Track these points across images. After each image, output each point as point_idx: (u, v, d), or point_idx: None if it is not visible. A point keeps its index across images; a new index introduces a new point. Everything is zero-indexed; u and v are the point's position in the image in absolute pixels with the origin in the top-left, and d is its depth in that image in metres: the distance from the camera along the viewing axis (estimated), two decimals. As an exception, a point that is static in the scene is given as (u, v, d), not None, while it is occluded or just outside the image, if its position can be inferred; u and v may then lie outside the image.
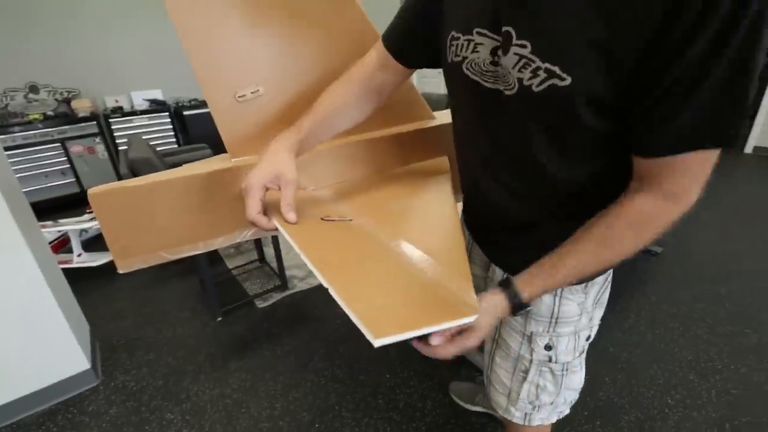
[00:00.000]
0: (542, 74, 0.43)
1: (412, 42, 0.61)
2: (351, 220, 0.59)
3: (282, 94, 0.72)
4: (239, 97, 0.68)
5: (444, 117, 0.94)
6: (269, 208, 0.57)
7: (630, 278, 1.93)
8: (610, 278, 0.67)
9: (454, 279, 0.43)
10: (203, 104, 3.59)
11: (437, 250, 0.51)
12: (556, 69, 0.41)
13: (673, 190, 0.44)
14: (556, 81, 0.42)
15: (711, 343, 1.53)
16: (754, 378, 1.36)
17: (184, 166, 0.91)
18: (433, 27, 0.57)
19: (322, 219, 0.58)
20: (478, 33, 0.50)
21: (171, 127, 3.46)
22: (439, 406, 1.32)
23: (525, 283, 0.51)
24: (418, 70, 0.69)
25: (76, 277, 1.93)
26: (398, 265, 0.48)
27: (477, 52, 0.51)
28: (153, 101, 3.47)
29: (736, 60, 0.35)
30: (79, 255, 2.15)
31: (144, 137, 2.98)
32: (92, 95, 3.35)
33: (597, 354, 1.49)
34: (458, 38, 0.53)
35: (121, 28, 3.36)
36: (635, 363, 1.45)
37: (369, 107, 0.67)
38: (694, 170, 0.42)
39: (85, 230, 2.29)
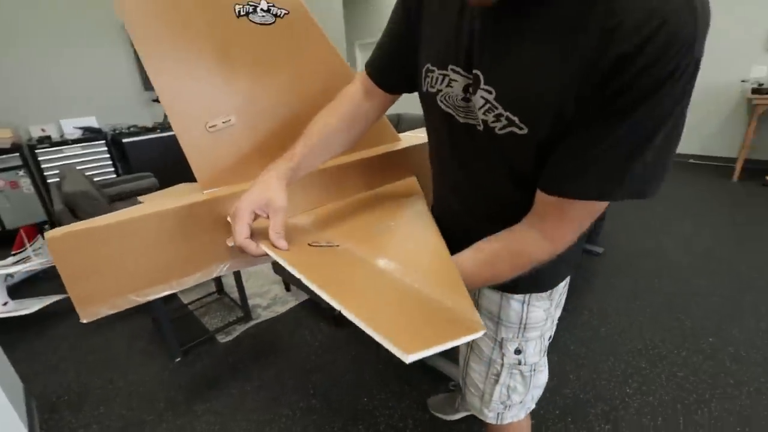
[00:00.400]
0: (504, 121, 0.47)
1: (394, 70, 0.65)
2: (338, 245, 0.59)
3: (254, 124, 0.71)
4: (210, 127, 0.67)
5: (410, 139, 0.98)
6: (256, 235, 0.56)
7: (578, 278, 2.08)
8: (568, 282, 0.73)
9: (453, 297, 0.45)
10: (144, 131, 3.39)
11: (430, 269, 0.52)
12: (516, 119, 0.46)
13: (551, 229, 0.49)
14: (515, 129, 0.47)
15: (654, 332, 1.68)
16: (693, 359, 1.52)
17: (146, 199, 0.86)
18: (413, 55, 0.61)
19: (309, 245, 0.58)
20: (453, 70, 0.53)
21: (108, 155, 3.22)
22: (420, 423, 1.32)
23: None
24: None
25: (2, 329, 1.70)
26: (396, 287, 0.49)
27: (451, 87, 0.54)
28: (87, 129, 3.22)
29: (641, 125, 0.39)
30: (5, 304, 1.90)
31: (78, 168, 2.74)
32: (14, 124, 3.04)
33: (560, 352, 1.58)
34: (433, 71, 0.56)
35: (47, 52, 3.11)
36: (593, 357, 1.56)
37: (357, 133, 0.69)
38: (575, 216, 0.48)
39: (10, 275, 2.04)
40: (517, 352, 0.71)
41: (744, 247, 2.34)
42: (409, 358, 0.33)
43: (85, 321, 0.56)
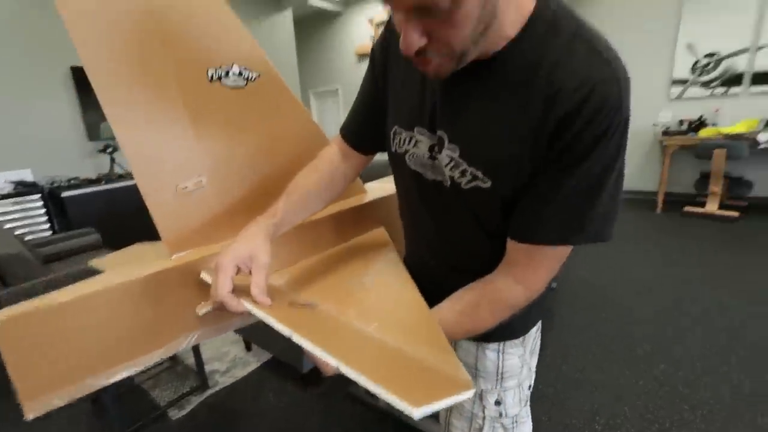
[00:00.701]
0: (469, 176, 0.52)
1: (367, 134, 0.69)
2: (317, 305, 0.58)
3: (226, 185, 0.70)
4: (181, 189, 0.65)
5: (376, 190, 1.01)
6: (236, 292, 0.53)
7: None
8: (540, 327, 0.76)
9: (438, 355, 0.45)
10: (86, 183, 3.18)
11: (411, 327, 0.53)
12: (480, 174, 0.51)
13: (524, 275, 0.53)
14: (480, 183, 0.51)
15: (611, 364, 1.76)
16: (650, 387, 1.60)
17: (103, 264, 0.80)
18: (383, 119, 0.65)
19: (289, 305, 0.57)
20: (418, 131, 0.58)
21: (44, 211, 2.95)
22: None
23: None
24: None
25: None
26: (379, 348, 0.48)
27: (417, 147, 0.59)
28: (19, 183, 2.96)
29: (588, 177, 0.45)
30: None
31: (7, 226, 2.47)
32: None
33: (532, 394, 1.59)
34: (401, 133, 0.61)
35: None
36: (561, 395, 1.58)
37: (336, 192, 0.71)
38: (543, 262, 0.52)
39: None
40: (497, 403, 0.71)
41: (674, 272, 2.58)
42: (418, 413, 0.32)
43: (31, 417, 0.49)
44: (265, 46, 0.71)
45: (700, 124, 3.80)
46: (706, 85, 3.86)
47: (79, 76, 3.31)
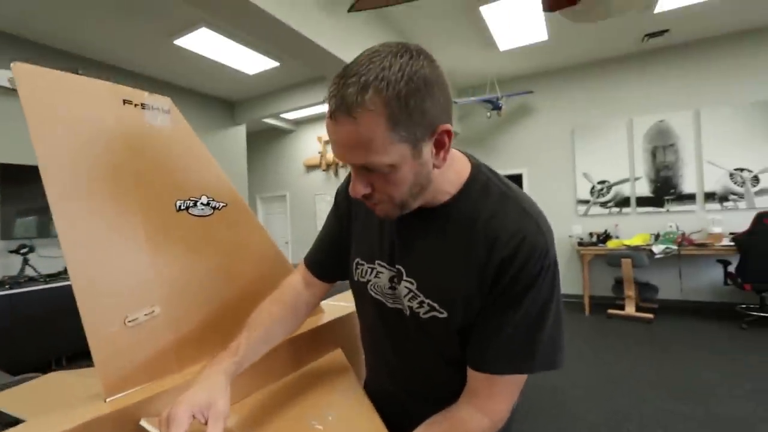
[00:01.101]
0: (426, 306, 0.58)
1: (330, 264, 0.73)
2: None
3: (180, 314, 0.68)
4: (129, 321, 0.62)
5: (333, 310, 1.01)
6: None
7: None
8: None
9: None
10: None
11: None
12: (436, 305, 0.57)
13: (485, 404, 0.56)
14: (436, 313, 0.57)
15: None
16: None
17: (8, 401, 0.67)
18: (345, 251, 0.71)
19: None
20: (379, 264, 0.64)
21: None
22: None
23: None
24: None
25: None
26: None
27: (378, 278, 0.64)
28: None
29: (531, 311, 0.52)
30: None
31: None
32: None
33: None
34: (363, 264, 0.66)
35: None
36: None
37: (299, 321, 0.72)
38: (502, 389, 0.56)
39: None
40: None
41: (606, 371, 2.69)
42: None
43: None
44: (217, 155, 0.76)
45: (606, 236, 4.42)
46: (603, 205, 4.63)
47: (7, 172, 3.08)
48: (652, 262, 3.94)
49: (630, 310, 3.99)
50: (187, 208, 0.71)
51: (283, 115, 6.34)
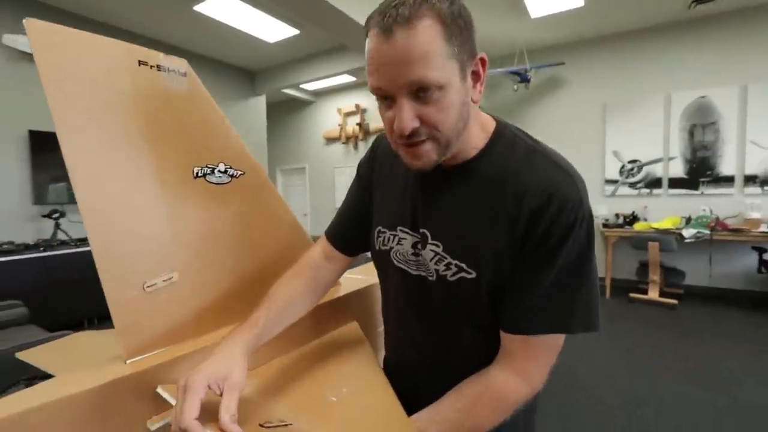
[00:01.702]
0: (454, 268, 0.55)
1: (353, 236, 0.71)
2: (291, 424, 0.53)
3: (199, 281, 0.68)
4: (148, 287, 0.62)
5: (350, 283, 1.01)
6: (202, 415, 0.47)
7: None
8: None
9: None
10: (22, 249, 2.91)
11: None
12: (464, 266, 0.54)
13: (522, 367, 0.54)
14: (464, 274, 0.54)
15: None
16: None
17: (37, 359, 0.71)
18: (368, 222, 0.69)
19: (260, 426, 0.52)
20: (401, 230, 0.62)
21: (-43, 284, 2.61)
22: None
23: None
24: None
25: None
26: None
27: (401, 244, 0.62)
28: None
29: (566, 266, 0.49)
30: None
31: None
32: None
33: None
34: (385, 232, 0.64)
35: None
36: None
37: (320, 295, 0.71)
38: (540, 351, 0.54)
39: None
40: None
41: (625, 354, 2.65)
42: None
43: None
44: (237, 126, 0.74)
45: (633, 218, 4.26)
46: (633, 185, 4.43)
47: (36, 139, 3.20)
48: (680, 247, 3.79)
49: (653, 294, 3.88)
50: (205, 175, 0.70)
51: (302, 86, 6.26)
